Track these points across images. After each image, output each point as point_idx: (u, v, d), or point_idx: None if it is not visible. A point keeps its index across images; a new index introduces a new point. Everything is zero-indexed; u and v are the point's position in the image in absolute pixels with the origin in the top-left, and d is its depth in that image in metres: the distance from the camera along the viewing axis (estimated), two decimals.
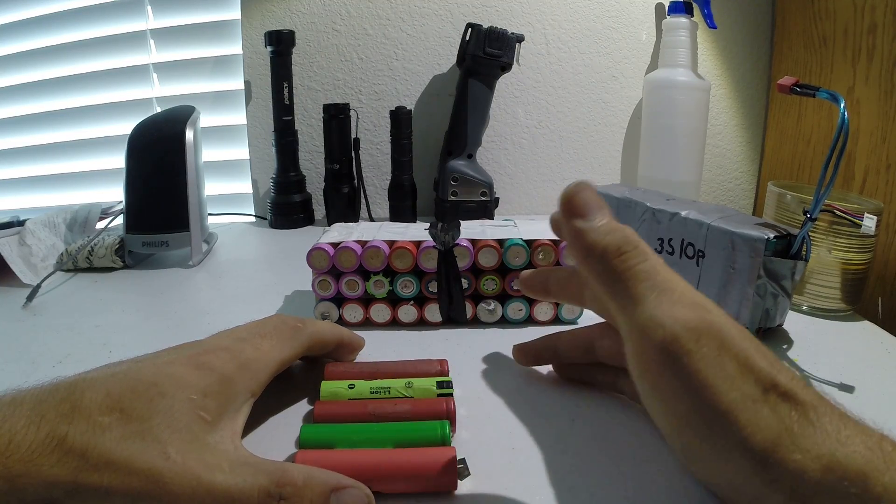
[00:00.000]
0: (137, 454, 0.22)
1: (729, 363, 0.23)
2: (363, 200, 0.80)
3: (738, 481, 0.23)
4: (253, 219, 0.84)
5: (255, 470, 0.24)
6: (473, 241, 0.45)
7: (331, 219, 0.77)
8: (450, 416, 0.31)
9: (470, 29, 0.72)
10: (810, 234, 0.40)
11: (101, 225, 0.68)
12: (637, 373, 0.25)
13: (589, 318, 0.45)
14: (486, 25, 0.71)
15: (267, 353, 0.30)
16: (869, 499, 0.20)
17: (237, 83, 0.84)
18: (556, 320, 0.47)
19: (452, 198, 0.75)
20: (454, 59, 0.79)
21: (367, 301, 0.46)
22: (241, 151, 0.86)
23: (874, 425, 0.22)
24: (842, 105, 0.35)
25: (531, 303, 0.46)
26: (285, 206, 0.78)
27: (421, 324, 0.46)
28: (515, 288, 0.45)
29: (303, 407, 0.35)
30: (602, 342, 0.35)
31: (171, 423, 0.24)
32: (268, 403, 0.35)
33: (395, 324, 0.46)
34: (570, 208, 0.27)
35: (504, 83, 0.80)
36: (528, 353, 0.38)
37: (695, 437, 0.23)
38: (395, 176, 0.76)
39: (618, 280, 0.25)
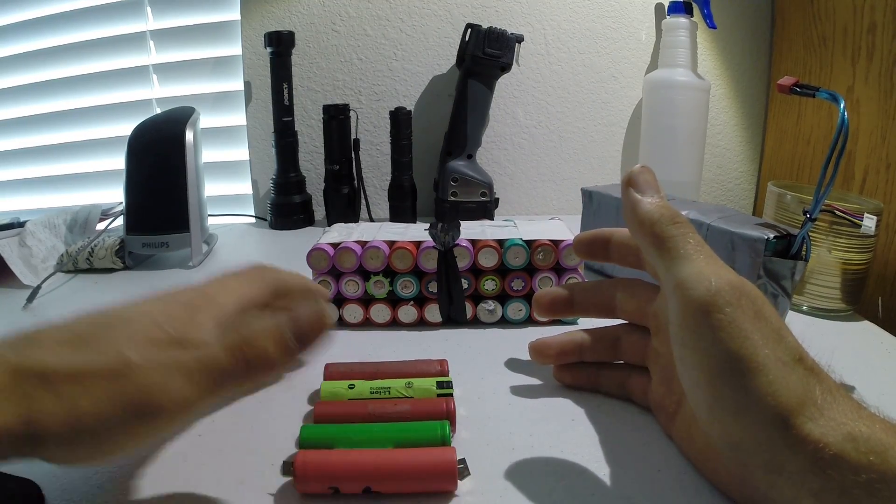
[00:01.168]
0: (97, 359, 0.22)
1: (765, 326, 0.24)
2: (363, 201, 0.80)
3: (760, 441, 0.23)
4: (253, 220, 0.85)
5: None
6: (473, 242, 0.45)
7: (331, 219, 0.77)
8: (450, 416, 0.31)
9: (469, 29, 0.72)
10: (810, 234, 0.40)
11: (101, 226, 0.68)
12: (679, 323, 0.26)
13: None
14: (485, 26, 0.71)
15: (231, 286, 0.30)
16: (888, 469, 0.20)
17: (237, 84, 0.84)
18: (556, 320, 0.47)
19: (452, 198, 0.75)
20: (454, 60, 0.79)
21: (367, 301, 0.46)
22: (241, 152, 0.86)
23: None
24: (841, 105, 0.35)
25: (531, 303, 0.46)
26: (285, 206, 0.78)
27: (421, 324, 0.46)
28: (516, 289, 0.45)
29: (303, 407, 0.35)
30: (630, 337, 0.35)
31: (133, 336, 0.24)
32: (268, 403, 0.35)
33: (395, 324, 0.46)
34: (632, 183, 0.31)
35: (504, 83, 0.80)
36: (550, 349, 0.37)
37: (725, 387, 0.24)
38: (395, 176, 0.76)
39: (669, 240, 0.28)
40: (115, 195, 0.82)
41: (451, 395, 0.33)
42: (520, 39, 0.72)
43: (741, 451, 0.24)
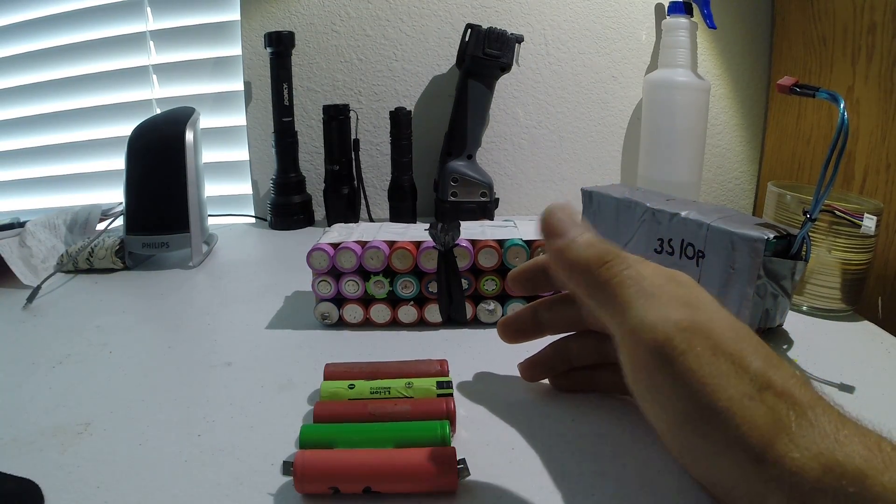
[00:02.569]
0: None
1: (723, 362, 0.23)
2: (363, 201, 0.80)
3: (737, 480, 0.23)
4: (253, 220, 0.84)
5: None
6: (473, 242, 0.45)
7: (331, 220, 0.77)
8: (450, 416, 0.31)
9: (469, 30, 0.72)
10: (810, 234, 0.40)
11: (101, 226, 0.68)
12: (632, 376, 0.25)
13: None
14: (485, 26, 0.71)
15: None
16: (867, 498, 0.20)
17: (237, 84, 0.84)
18: None
19: (452, 198, 0.75)
20: (454, 60, 0.79)
21: (367, 301, 0.46)
22: (241, 153, 0.86)
23: (873, 426, 0.22)
24: (841, 105, 0.35)
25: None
26: (285, 207, 0.78)
27: (421, 324, 0.46)
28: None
29: (303, 407, 0.35)
30: (614, 341, 0.34)
31: None
32: (268, 403, 0.35)
33: (395, 324, 0.46)
34: (548, 230, 0.29)
35: (504, 84, 0.80)
36: (538, 365, 0.37)
37: (692, 435, 0.23)
38: (395, 177, 0.76)
39: (604, 288, 0.26)
40: (115, 195, 0.82)
41: (451, 395, 0.33)
42: (520, 39, 0.72)
43: (720, 491, 0.24)
